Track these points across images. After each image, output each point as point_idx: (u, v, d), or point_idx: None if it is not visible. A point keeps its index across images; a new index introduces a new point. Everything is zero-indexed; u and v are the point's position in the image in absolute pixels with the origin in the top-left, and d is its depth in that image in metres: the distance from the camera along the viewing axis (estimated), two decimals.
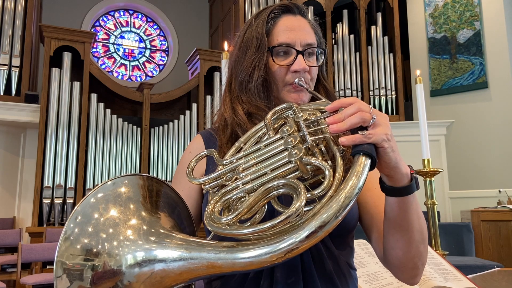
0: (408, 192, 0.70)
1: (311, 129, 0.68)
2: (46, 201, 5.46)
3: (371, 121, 0.63)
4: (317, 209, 0.57)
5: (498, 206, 5.21)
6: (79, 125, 5.81)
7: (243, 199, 0.66)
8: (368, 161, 0.61)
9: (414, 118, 6.74)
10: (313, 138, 0.66)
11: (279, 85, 0.90)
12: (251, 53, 0.89)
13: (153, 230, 0.64)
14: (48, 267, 4.95)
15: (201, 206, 0.91)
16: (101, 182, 5.76)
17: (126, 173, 6.06)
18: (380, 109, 6.83)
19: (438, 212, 3.70)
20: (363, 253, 1.45)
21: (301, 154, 0.63)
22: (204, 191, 0.72)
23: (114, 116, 6.09)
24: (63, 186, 5.57)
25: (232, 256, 0.57)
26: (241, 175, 0.68)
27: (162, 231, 0.65)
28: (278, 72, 0.89)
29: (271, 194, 0.64)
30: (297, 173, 0.64)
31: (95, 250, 0.61)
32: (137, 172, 6.16)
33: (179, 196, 0.75)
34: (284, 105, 0.75)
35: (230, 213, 0.64)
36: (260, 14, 0.93)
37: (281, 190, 0.64)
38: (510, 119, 5.98)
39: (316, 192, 0.61)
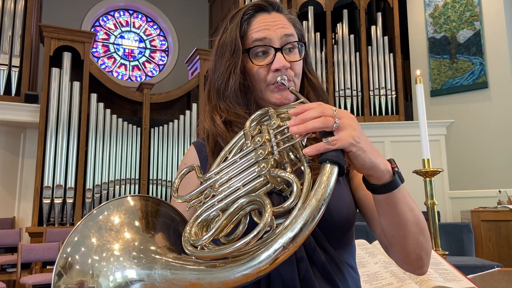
0: (392, 188, 0.68)
1: (283, 137, 0.65)
2: (46, 201, 5.46)
3: (334, 126, 0.60)
4: (287, 223, 0.57)
5: (498, 206, 5.20)
6: (79, 125, 5.82)
7: (217, 218, 0.65)
8: (335, 169, 0.58)
9: (414, 118, 6.74)
10: (280, 149, 0.64)
11: (262, 86, 0.87)
12: (226, 59, 0.87)
13: (141, 252, 0.66)
14: (48, 267, 4.95)
15: None
16: (101, 182, 5.79)
17: (125, 173, 6.07)
18: (380, 109, 6.83)
19: (438, 212, 3.70)
20: (363, 253, 1.45)
21: (268, 167, 0.61)
22: (187, 209, 0.71)
23: (114, 116, 6.10)
24: (63, 186, 5.57)
25: (209, 276, 0.58)
26: (218, 191, 0.67)
27: (151, 252, 0.66)
28: (258, 74, 0.86)
29: (241, 213, 0.63)
30: (268, 185, 0.63)
31: (85, 272, 0.64)
32: (137, 172, 6.17)
33: (177, 211, 0.75)
34: (260, 111, 0.73)
35: (206, 233, 0.63)
36: (234, 17, 0.91)
37: (248, 208, 0.63)
38: (510, 119, 5.97)
39: (285, 204, 0.60)
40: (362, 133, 0.64)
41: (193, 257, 0.64)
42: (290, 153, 0.65)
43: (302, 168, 0.63)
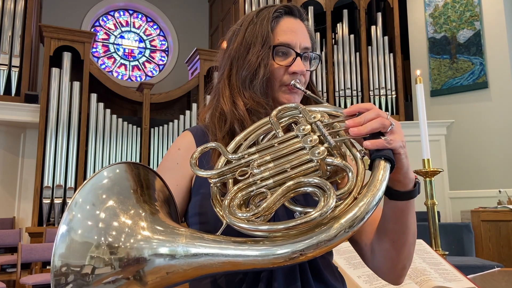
0: (412, 196, 0.73)
1: (334, 130, 0.68)
2: (46, 201, 5.46)
3: (390, 127, 0.65)
4: (341, 209, 0.59)
5: (498, 206, 5.20)
6: (79, 125, 5.81)
7: (262, 194, 0.65)
8: (389, 166, 0.63)
9: (414, 118, 6.74)
10: (336, 139, 0.66)
11: (276, 84, 0.90)
12: (257, 50, 0.88)
13: (156, 223, 0.63)
14: (48, 267, 4.94)
15: (184, 207, 0.90)
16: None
17: None
18: (380, 109, 6.83)
19: (438, 212, 3.70)
20: None
21: (325, 154, 0.63)
22: (211, 185, 0.70)
23: (114, 116, 6.09)
24: (63, 186, 5.57)
25: (254, 253, 0.57)
26: (256, 170, 0.66)
27: (166, 224, 0.63)
28: (276, 72, 0.89)
29: (299, 190, 0.64)
30: (316, 172, 0.65)
31: (100, 243, 0.59)
32: None
33: (171, 194, 0.74)
34: (292, 105, 0.76)
35: (248, 210, 0.62)
36: (262, 12, 0.93)
37: (309, 189, 0.63)
38: (510, 119, 5.97)
39: (338, 193, 0.62)
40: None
41: (218, 233, 0.63)
42: (341, 146, 0.68)
43: (353, 161, 0.67)
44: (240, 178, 0.67)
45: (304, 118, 0.71)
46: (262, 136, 0.76)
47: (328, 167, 0.64)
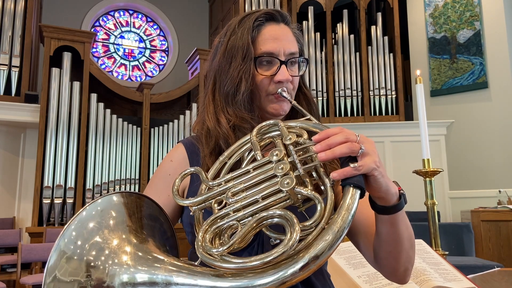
0: (399, 209, 0.73)
1: (301, 157, 0.67)
2: (46, 201, 5.46)
3: (360, 152, 0.63)
4: (309, 241, 0.58)
5: (498, 206, 5.20)
6: (79, 125, 5.81)
7: (234, 225, 0.65)
8: (358, 193, 0.62)
9: (414, 118, 6.74)
10: (305, 167, 0.65)
11: (262, 94, 0.89)
12: (237, 63, 0.87)
13: (141, 254, 0.64)
14: None
15: (178, 216, 0.90)
16: (101, 182, 5.78)
17: (125, 173, 6.07)
18: (380, 109, 6.84)
19: (438, 212, 3.70)
20: None
21: (293, 185, 0.62)
22: (192, 213, 0.71)
23: (114, 116, 6.10)
24: (63, 186, 5.57)
25: (229, 285, 0.57)
26: (231, 200, 0.66)
27: (149, 254, 0.65)
28: (261, 83, 0.88)
29: (264, 223, 0.64)
30: (288, 201, 0.64)
31: (80, 271, 0.62)
32: (137, 172, 6.17)
33: (161, 208, 0.74)
34: (271, 122, 0.74)
35: (221, 244, 0.63)
36: (243, 21, 0.90)
37: (275, 220, 0.63)
38: (510, 119, 5.97)
39: (307, 223, 0.61)
40: (379, 157, 0.67)
41: (196, 264, 0.64)
42: (313, 172, 0.67)
43: (323, 188, 0.65)
44: (216, 207, 0.67)
45: (280, 140, 0.70)
46: (247, 153, 0.75)
47: (299, 196, 0.64)
